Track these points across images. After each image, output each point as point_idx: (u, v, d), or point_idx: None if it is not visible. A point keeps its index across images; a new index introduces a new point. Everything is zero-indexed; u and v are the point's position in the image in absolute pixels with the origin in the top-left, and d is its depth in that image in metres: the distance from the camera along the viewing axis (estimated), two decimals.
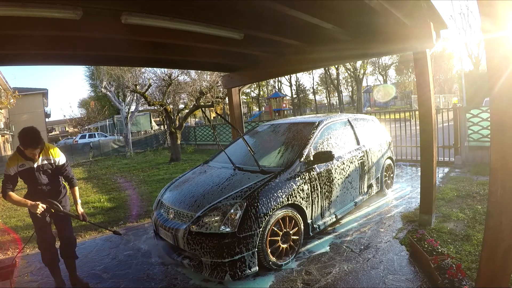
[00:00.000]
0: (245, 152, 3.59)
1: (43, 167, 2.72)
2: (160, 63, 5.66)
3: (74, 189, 2.92)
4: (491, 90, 1.73)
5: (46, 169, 2.73)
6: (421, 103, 3.52)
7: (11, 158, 2.62)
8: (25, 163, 2.62)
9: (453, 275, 2.28)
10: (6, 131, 20.92)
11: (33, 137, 2.54)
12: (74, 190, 2.92)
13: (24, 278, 3.10)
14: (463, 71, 21.96)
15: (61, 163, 2.81)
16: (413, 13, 3.23)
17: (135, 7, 2.77)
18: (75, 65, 6.21)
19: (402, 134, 7.39)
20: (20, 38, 3.10)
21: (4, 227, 4.82)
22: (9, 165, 2.58)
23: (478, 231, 3.18)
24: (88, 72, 30.39)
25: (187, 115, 12.08)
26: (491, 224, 1.80)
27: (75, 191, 2.93)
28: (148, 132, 25.65)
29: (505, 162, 1.71)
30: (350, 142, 4.11)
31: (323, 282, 2.60)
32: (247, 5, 3.15)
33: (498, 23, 1.67)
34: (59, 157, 2.80)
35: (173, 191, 3.46)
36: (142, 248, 3.61)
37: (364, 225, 3.75)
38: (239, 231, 2.58)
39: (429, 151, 3.48)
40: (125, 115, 16.52)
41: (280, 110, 31.67)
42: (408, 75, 39.80)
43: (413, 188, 5.06)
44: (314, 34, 3.92)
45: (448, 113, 6.85)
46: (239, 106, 6.11)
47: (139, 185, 7.46)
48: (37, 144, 2.54)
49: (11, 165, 2.57)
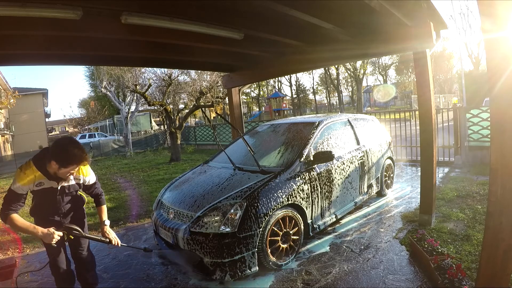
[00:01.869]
0: (245, 152, 3.59)
1: (69, 189, 2.16)
2: (160, 63, 5.66)
3: (101, 208, 2.39)
4: (491, 90, 1.73)
5: (72, 190, 2.19)
6: (421, 103, 3.52)
7: (26, 172, 1.96)
8: (45, 182, 2.02)
9: (453, 275, 2.28)
10: (6, 131, 20.92)
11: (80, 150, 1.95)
12: (101, 209, 2.39)
13: (24, 278, 3.09)
14: (463, 71, 21.94)
15: (91, 183, 2.32)
16: (413, 13, 3.23)
17: (135, 7, 2.77)
18: (75, 65, 6.21)
19: (402, 134, 7.39)
20: (20, 38, 3.10)
21: (4, 227, 4.82)
22: (21, 181, 1.94)
23: (478, 231, 3.18)
24: (88, 72, 30.42)
25: (187, 115, 12.08)
26: (491, 224, 1.80)
27: (103, 210, 2.39)
28: (148, 132, 25.64)
29: (505, 162, 1.71)
30: (350, 142, 4.11)
31: (323, 282, 2.60)
32: (247, 5, 3.15)
33: (498, 23, 1.67)
34: (89, 175, 2.29)
35: (173, 191, 3.46)
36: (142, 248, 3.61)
37: (364, 225, 3.75)
38: (239, 231, 2.58)
39: (429, 151, 3.48)
40: (125, 115, 16.52)
41: (280, 110, 31.65)
42: (408, 75, 39.81)
43: (413, 188, 5.06)
44: (314, 34, 3.92)
45: (448, 113, 6.86)
46: (239, 106, 6.11)
47: (139, 185, 7.46)
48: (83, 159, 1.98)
49: (24, 182, 1.94)
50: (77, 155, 1.93)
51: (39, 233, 1.90)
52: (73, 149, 1.93)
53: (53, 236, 1.91)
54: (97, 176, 2.45)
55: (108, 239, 2.27)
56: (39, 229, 1.91)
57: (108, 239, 2.27)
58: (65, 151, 1.92)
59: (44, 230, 1.91)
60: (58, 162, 1.91)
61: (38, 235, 1.91)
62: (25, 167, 1.98)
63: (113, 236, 2.31)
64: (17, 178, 1.94)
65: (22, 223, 1.90)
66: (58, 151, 1.92)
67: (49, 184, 2.03)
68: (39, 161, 1.99)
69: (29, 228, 1.92)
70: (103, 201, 2.44)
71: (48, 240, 1.91)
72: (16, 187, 1.94)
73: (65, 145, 1.94)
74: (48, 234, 1.91)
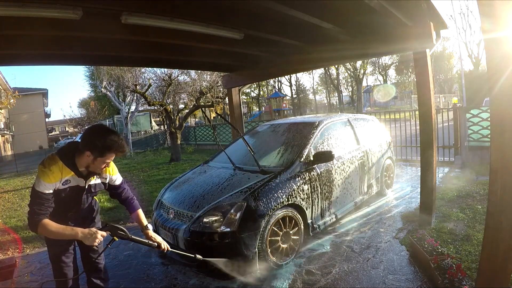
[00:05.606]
0: (245, 152, 3.59)
1: (95, 188, 1.96)
2: (160, 63, 5.66)
3: (137, 213, 2.15)
4: (491, 90, 1.73)
5: (98, 190, 1.99)
6: (421, 103, 3.52)
7: (52, 169, 1.71)
8: (72, 179, 1.79)
9: (453, 275, 2.28)
10: (6, 131, 20.92)
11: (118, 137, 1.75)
12: (138, 214, 2.15)
13: (24, 278, 3.09)
14: (463, 71, 21.96)
15: (117, 183, 2.10)
16: (413, 13, 3.23)
17: (135, 7, 2.76)
18: (75, 65, 6.20)
19: (402, 134, 7.39)
20: (20, 38, 3.09)
21: (4, 227, 4.82)
22: (47, 178, 1.68)
23: (478, 231, 3.18)
24: (88, 72, 30.40)
25: (187, 115, 12.08)
26: (491, 224, 1.80)
27: (139, 215, 2.15)
28: (148, 132, 25.65)
29: (505, 162, 1.71)
30: (350, 142, 4.11)
31: (323, 282, 2.60)
32: (247, 5, 3.15)
33: (498, 23, 1.66)
34: (116, 174, 2.08)
35: (173, 191, 3.46)
36: (142, 248, 3.61)
37: (364, 225, 3.75)
38: (239, 231, 2.58)
39: (429, 151, 3.48)
40: (125, 115, 16.52)
41: (280, 110, 31.63)
42: (408, 75, 39.77)
43: (413, 188, 5.06)
44: (314, 34, 3.92)
45: (448, 113, 6.85)
46: (239, 106, 6.11)
47: (139, 185, 7.46)
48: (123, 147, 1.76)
49: (50, 179, 1.69)
50: (116, 141, 1.72)
51: (79, 234, 1.66)
52: (110, 135, 1.72)
53: (96, 236, 1.67)
54: None
55: (157, 243, 2.03)
56: (78, 230, 1.67)
57: (157, 243, 2.03)
58: (103, 137, 1.70)
59: (85, 231, 1.67)
60: (94, 150, 1.69)
61: (78, 236, 1.66)
62: (50, 163, 1.72)
63: (160, 240, 2.08)
64: (41, 176, 1.68)
65: (57, 226, 1.66)
66: (94, 138, 1.70)
67: (76, 181, 1.81)
68: (66, 154, 1.77)
69: (65, 230, 1.67)
70: (137, 205, 2.18)
71: (91, 242, 1.67)
72: (42, 187, 1.67)
73: (101, 131, 1.74)
74: (91, 234, 1.66)
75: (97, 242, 1.68)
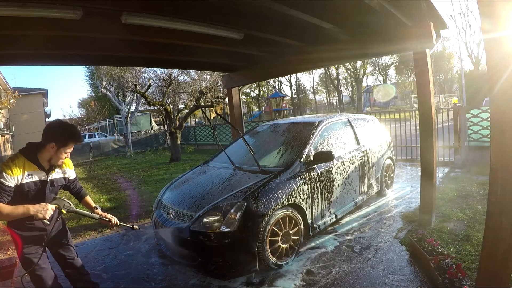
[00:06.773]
0: (245, 152, 3.59)
1: (57, 182, 2.09)
2: (160, 63, 5.66)
3: (86, 199, 2.35)
4: (491, 90, 1.73)
5: (59, 184, 2.12)
6: (421, 103, 3.52)
7: (15, 162, 1.85)
8: (35, 174, 1.91)
9: (453, 275, 2.28)
10: (6, 131, 20.90)
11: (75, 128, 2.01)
12: (87, 200, 2.35)
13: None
14: (463, 71, 21.97)
15: (72, 177, 2.28)
16: (413, 13, 3.23)
17: (135, 7, 2.77)
18: (75, 65, 6.21)
19: (402, 134, 7.39)
20: (20, 38, 3.10)
21: (4, 227, 4.82)
22: (9, 171, 1.80)
23: (478, 231, 3.18)
24: (88, 72, 30.41)
25: (187, 115, 12.08)
26: (491, 224, 1.80)
27: (88, 200, 2.35)
28: (148, 132, 25.64)
29: (505, 162, 1.71)
30: (350, 142, 4.11)
31: (323, 282, 2.60)
32: (247, 5, 3.15)
33: (498, 23, 1.67)
34: (72, 168, 2.26)
35: (173, 191, 3.46)
36: (142, 248, 3.61)
37: (364, 225, 3.75)
38: (239, 231, 2.58)
39: (429, 151, 3.48)
40: (125, 115, 16.51)
41: (280, 110, 31.66)
42: (408, 75, 39.77)
43: (413, 188, 5.06)
44: (314, 34, 3.92)
45: (448, 113, 6.84)
46: (239, 106, 6.11)
47: (139, 185, 7.46)
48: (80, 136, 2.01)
49: (13, 172, 1.81)
50: (75, 131, 1.98)
51: (31, 209, 1.78)
52: (69, 127, 1.98)
53: (47, 208, 1.81)
54: (96, 176, 2.45)
55: (108, 218, 2.21)
56: (29, 206, 1.79)
57: (107, 218, 2.21)
58: (64, 129, 1.95)
59: (36, 205, 1.80)
60: (57, 141, 1.90)
61: (31, 212, 1.78)
62: (13, 158, 1.89)
63: (110, 216, 2.25)
64: (5, 169, 1.80)
65: (10, 208, 1.76)
66: (56, 131, 1.92)
67: (39, 175, 1.93)
68: (27, 150, 1.94)
69: (18, 209, 1.77)
70: (85, 193, 2.38)
71: (43, 214, 1.79)
72: (3, 179, 1.78)
73: (63, 125, 2.00)
74: (42, 207, 1.80)
75: (48, 215, 1.82)
